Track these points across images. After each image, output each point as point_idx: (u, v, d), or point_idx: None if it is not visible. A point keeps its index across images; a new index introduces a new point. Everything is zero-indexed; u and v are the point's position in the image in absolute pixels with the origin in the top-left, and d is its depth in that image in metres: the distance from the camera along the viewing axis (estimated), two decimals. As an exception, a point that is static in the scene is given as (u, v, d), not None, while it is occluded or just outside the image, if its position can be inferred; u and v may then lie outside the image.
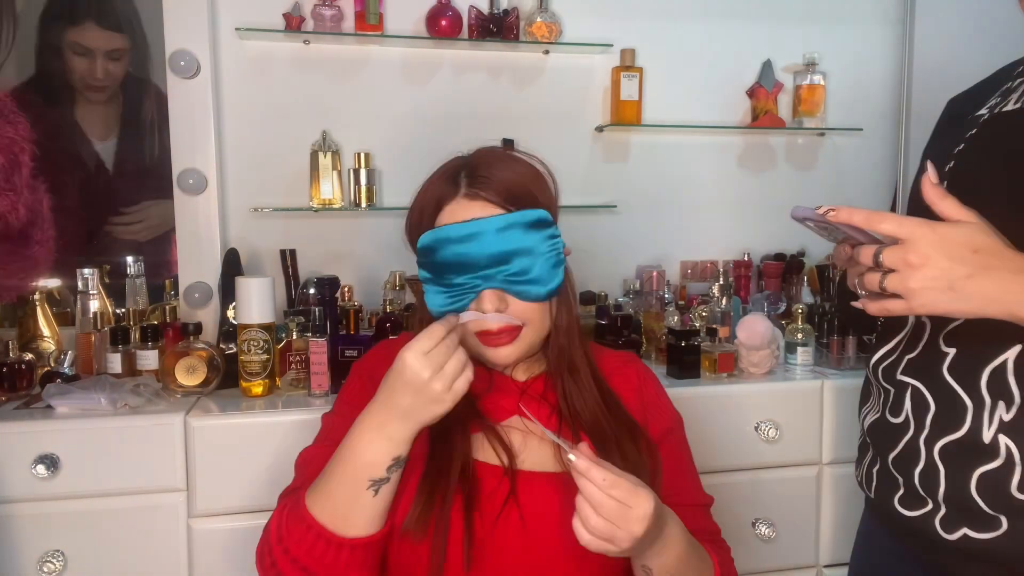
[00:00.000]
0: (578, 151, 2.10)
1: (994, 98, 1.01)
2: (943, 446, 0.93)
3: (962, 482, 0.91)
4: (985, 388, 0.90)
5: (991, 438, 0.89)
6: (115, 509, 1.44)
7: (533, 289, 1.00)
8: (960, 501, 0.92)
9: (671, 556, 0.91)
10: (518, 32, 1.97)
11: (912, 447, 0.97)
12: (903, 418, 0.99)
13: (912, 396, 0.98)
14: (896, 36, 2.24)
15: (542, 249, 1.00)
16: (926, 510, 0.96)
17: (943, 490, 0.93)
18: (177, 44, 1.78)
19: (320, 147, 1.92)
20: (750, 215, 2.22)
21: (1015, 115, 0.95)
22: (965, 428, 0.91)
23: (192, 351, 1.58)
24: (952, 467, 0.93)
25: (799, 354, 1.77)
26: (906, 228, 0.77)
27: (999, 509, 0.89)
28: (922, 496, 0.96)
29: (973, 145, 0.98)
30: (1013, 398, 0.88)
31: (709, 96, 2.16)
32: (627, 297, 2.04)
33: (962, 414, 0.92)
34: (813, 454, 1.73)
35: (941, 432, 0.94)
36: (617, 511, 0.83)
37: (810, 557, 1.75)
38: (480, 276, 0.98)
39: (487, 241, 0.98)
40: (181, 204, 1.82)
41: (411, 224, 1.05)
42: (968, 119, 1.02)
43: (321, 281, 1.70)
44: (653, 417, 1.09)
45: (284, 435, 1.46)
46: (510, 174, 1.01)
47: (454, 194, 1.01)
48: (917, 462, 0.96)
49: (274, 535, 0.93)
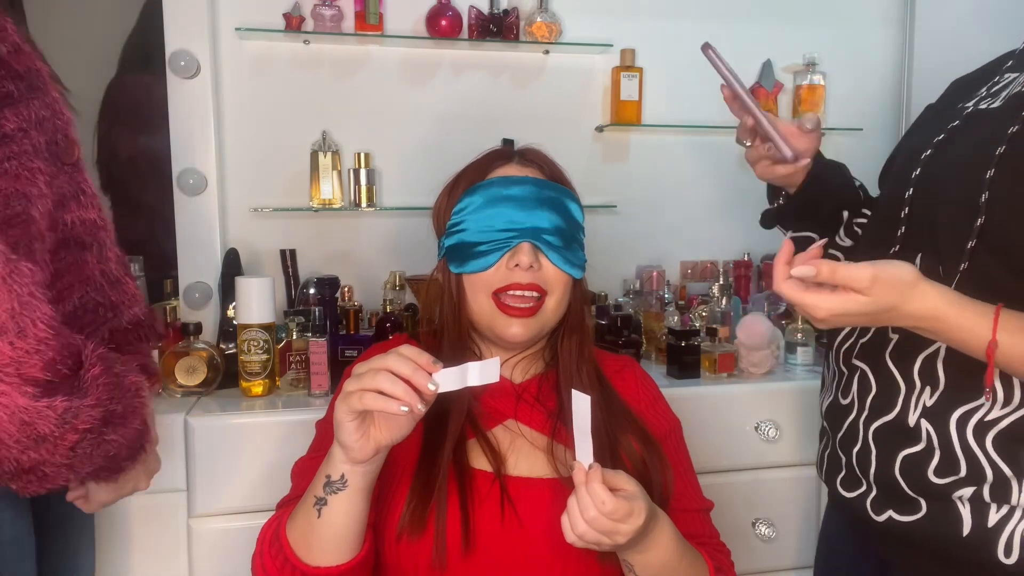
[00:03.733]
0: (578, 151, 2.09)
1: (982, 90, 1.03)
2: (876, 428, 0.98)
3: (888, 464, 0.96)
4: (917, 373, 0.94)
5: (915, 422, 0.94)
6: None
7: (563, 258, 1.03)
8: (887, 483, 0.97)
9: (655, 556, 0.91)
10: (518, 32, 1.97)
11: (853, 428, 1.02)
12: (849, 399, 1.04)
13: (859, 379, 1.02)
14: (896, 36, 2.24)
15: (573, 229, 1.06)
16: (860, 491, 1.01)
17: (873, 471, 0.98)
18: (177, 44, 1.77)
19: (320, 147, 1.92)
20: (750, 215, 2.20)
21: (989, 114, 0.97)
22: (895, 411, 0.96)
23: (192, 351, 1.58)
24: (882, 449, 0.97)
25: (799, 354, 1.77)
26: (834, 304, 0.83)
27: (919, 492, 0.94)
28: (858, 477, 1.01)
29: (950, 137, 1.00)
30: (938, 383, 0.92)
31: (709, 96, 2.13)
32: (627, 297, 2.04)
33: (895, 397, 0.96)
34: (813, 454, 1.70)
35: (876, 414, 0.98)
36: (609, 527, 0.84)
37: (810, 557, 1.74)
38: (520, 229, 1.01)
39: (537, 197, 1.03)
40: (181, 204, 1.82)
41: (462, 179, 1.09)
42: (956, 108, 1.03)
43: (321, 281, 1.70)
44: (651, 422, 1.09)
45: (284, 435, 1.46)
46: (556, 168, 1.10)
47: (508, 160, 1.08)
48: (855, 443, 1.01)
49: (258, 551, 0.94)
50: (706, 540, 1.05)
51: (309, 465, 1.00)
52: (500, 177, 1.04)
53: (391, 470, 0.98)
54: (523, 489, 0.98)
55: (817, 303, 0.82)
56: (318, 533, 0.87)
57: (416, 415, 0.82)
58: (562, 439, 1.01)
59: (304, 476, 0.98)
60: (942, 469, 0.92)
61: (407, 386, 0.80)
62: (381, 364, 0.81)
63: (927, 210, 0.97)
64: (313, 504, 0.87)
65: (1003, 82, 1.00)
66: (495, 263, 1.01)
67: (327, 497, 0.87)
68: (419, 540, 0.93)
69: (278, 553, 0.90)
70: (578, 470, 0.85)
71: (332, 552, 0.88)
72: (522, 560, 0.95)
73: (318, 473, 0.89)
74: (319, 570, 0.88)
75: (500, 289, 1.00)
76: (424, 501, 0.94)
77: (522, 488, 0.98)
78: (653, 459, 1.01)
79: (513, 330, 1.01)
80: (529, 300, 1.01)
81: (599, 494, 0.83)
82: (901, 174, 1.04)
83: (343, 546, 0.88)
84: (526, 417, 1.03)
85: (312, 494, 0.88)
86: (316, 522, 0.87)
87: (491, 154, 1.10)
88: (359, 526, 0.89)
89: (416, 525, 0.93)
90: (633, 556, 0.91)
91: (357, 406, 0.81)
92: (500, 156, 1.09)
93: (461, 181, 1.08)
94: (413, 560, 0.95)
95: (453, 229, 1.04)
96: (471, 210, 1.03)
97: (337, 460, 0.86)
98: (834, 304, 0.81)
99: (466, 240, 1.02)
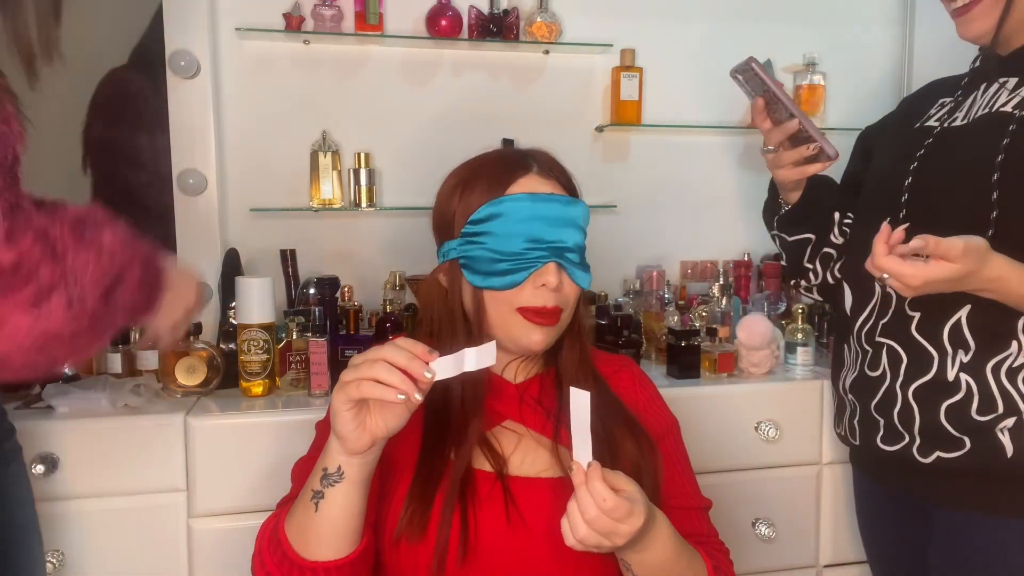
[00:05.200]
0: (578, 151, 2.09)
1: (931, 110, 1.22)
2: (915, 388, 1.15)
3: (933, 414, 1.13)
4: (947, 340, 1.12)
5: (954, 377, 1.12)
6: (115, 509, 1.44)
7: (581, 275, 1.04)
8: (933, 430, 1.14)
9: (653, 555, 0.91)
10: (518, 32, 1.97)
11: (890, 393, 1.18)
12: (880, 371, 1.20)
13: (888, 353, 1.19)
14: (896, 36, 2.24)
15: (584, 243, 1.06)
16: (904, 443, 1.17)
17: (918, 424, 1.15)
18: (177, 44, 1.78)
19: (320, 147, 1.92)
20: (750, 215, 2.21)
21: (964, 130, 1.15)
22: (933, 372, 1.13)
23: (192, 351, 1.58)
24: (924, 403, 1.14)
25: (799, 354, 1.77)
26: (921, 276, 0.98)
27: (963, 431, 1.11)
28: (900, 432, 1.18)
29: (929, 154, 1.16)
30: (969, 345, 1.11)
31: (709, 96, 2.16)
32: (627, 297, 2.04)
33: (930, 362, 1.14)
34: (813, 454, 1.73)
35: (913, 378, 1.15)
36: (609, 527, 0.84)
37: (810, 557, 1.75)
38: (546, 248, 1.00)
39: (564, 216, 1.02)
40: (181, 204, 1.82)
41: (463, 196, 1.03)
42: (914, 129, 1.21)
43: (321, 281, 1.70)
44: (649, 421, 1.09)
45: (284, 435, 1.46)
46: (571, 178, 1.08)
47: (528, 170, 1.04)
48: (895, 404, 1.18)
49: (257, 548, 0.94)
50: (704, 539, 1.05)
51: (309, 465, 1.00)
52: (530, 194, 1.01)
53: (391, 470, 0.98)
54: (525, 489, 0.98)
55: (915, 272, 0.97)
56: (316, 527, 0.88)
57: (412, 404, 0.82)
58: (564, 439, 1.01)
59: (304, 475, 0.98)
60: (982, 409, 1.10)
61: (403, 375, 0.81)
62: (377, 355, 0.82)
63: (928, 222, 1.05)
64: (310, 498, 0.88)
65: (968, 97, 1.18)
66: (521, 282, 1.00)
67: (324, 490, 0.87)
68: (420, 542, 0.93)
69: (276, 549, 0.90)
70: (577, 471, 0.85)
71: (330, 546, 0.88)
72: (523, 560, 0.95)
73: (315, 467, 0.89)
74: (318, 564, 0.88)
75: (526, 308, 1.00)
76: (424, 502, 0.94)
77: (524, 488, 0.98)
78: (646, 459, 1.01)
79: (535, 337, 1.01)
80: (553, 315, 1.02)
81: (600, 491, 0.83)
82: (885, 193, 1.21)
83: (341, 540, 0.88)
84: (527, 418, 1.03)
85: (309, 488, 0.89)
86: (314, 516, 0.87)
87: (507, 161, 1.05)
88: (357, 520, 0.89)
89: (416, 527, 0.93)
90: (631, 555, 0.91)
91: (354, 394, 0.82)
92: (519, 165, 1.04)
93: (476, 185, 1.03)
94: (413, 561, 0.94)
95: (473, 238, 1.01)
96: (496, 223, 1.00)
97: (334, 452, 0.87)
98: (929, 272, 0.97)
99: (488, 254, 1.00)
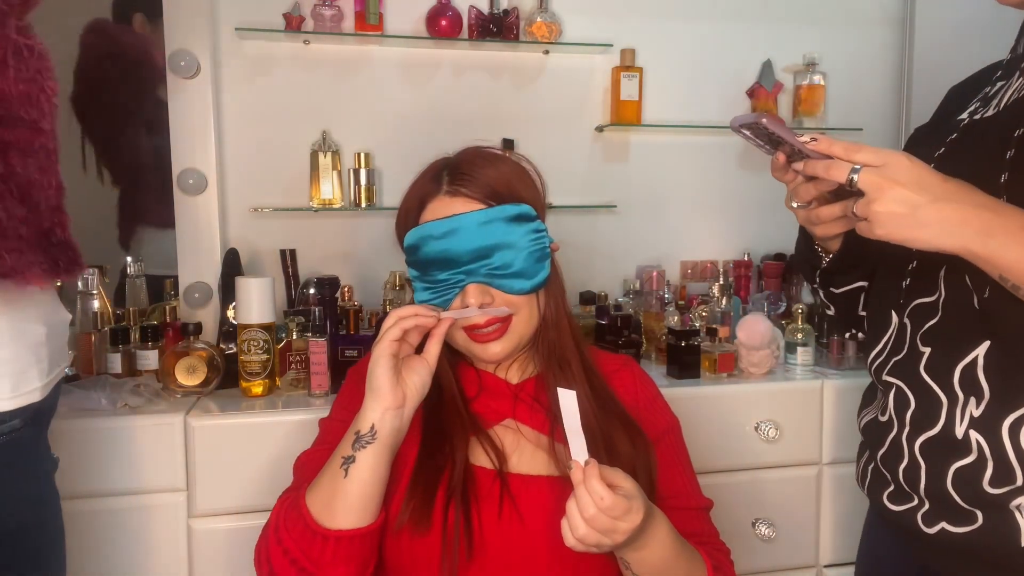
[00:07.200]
0: (578, 151, 2.10)
1: (975, 102, 1.02)
2: (922, 443, 0.96)
3: (940, 478, 0.93)
4: (958, 384, 0.91)
5: (963, 434, 0.91)
6: (115, 509, 1.44)
7: (517, 283, 1.00)
8: (939, 496, 0.94)
9: (651, 553, 0.91)
10: (518, 32, 1.97)
11: (896, 445, 0.99)
12: (887, 417, 1.01)
13: (895, 395, 1.00)
14: (896, 36, 2.25)
15: (524, 243, 1.01)
16: (911, 505, 0.98)
17: (923, 485, 0.95)
18: (177, 44, 1.78)
19: (320, 147, 1.92)
20: (750, 215, 2.22)
21: (987, 122, 0.96)
22: (940, 425, 0.93)
23: (192, 351, 1.58)
24: (931, 463, 0.94)
25: (799, 354, 1.77)
26: (883, 155, 0.83)
27: (974, 504, 0.91)
28: (907, 492, 0.98)
29: (951, 151, 0.99)
30: (983, 393, 0.89)
31: (709, 96, 2.16)
32: (627, 297, 2.04)
33: (937, 411, 0.93)
34: (813, 454, 1.73)
35: (920, 429, 0.96)
36: (608, 525, 0.84)
37: (810, 557, 1.75)
38: (463, 271, 0.99)
39: (468, 236, 0.99)
40: (181, 204, 1.82)
41: (399, 224, 1.07)
42: (952, 121, 1.03)
43: (321, 281, 1.70)
44: (649, 420, 1.08)
45: (284, 435, 1.46)
46: (492, 171, 1.02)
47: (436, 192, 1.03)
48: (902, 459, 0.98)
49: (272, 526, 0.94)
50: (705, 539, 1.05)
51: (314, 457, 1.01)
52: (431, 223, 1.00)
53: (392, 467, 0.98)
54: (524, 486, 0.98)
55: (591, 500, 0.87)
56: (344, 493, 0.90)
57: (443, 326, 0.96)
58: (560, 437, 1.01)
59: (308, 468, 0.99)
60: (997, 479, 0.89)
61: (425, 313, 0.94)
62: (392, 320, 0.93)
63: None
64: (340, 465, 0.91)
65: (994, 90, 0.99)
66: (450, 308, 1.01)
67: (355, 454, 0.90)
68: (424, 536, 0.93)
69: (296, 522, 0.91)
70: (576, 470, 0.86)
71: (356, 512, 0.90)
72: (522, 557, 0.96)
73: (344, 437, 0.93)
74: (342, 532, 0.89)
75: (468, 327, 1.00)
76: (426, 497, 0.95)
77: (523, 485, 0.98)
78: (640, 457, 1.01)
79: (492, 350, 1.01)
80: (496, 329, 1.00)
81: (597, 490, 0.84)
82: None
83: (366, 507, 0.91)
84: (525, 416, 1.04)
85: (339, 455, 0.91)
86: (343, 482, 0.90)
87: (423, 184, 1.05)
88: (381, 487, 0.92)
89: (418, 523, 0.93)
90: (629, 554, 0.91)
91: (396, 334, 0.92)
92: (429, 189, 1.03)
93: (402, 214, 1.06)
94: (413, 555, 0.95)
95: (410, 266, 1.04)
96: (418, 254, 1.01)
97: (368, 411, 0.91)
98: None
99: (420, 283, 1.03)
